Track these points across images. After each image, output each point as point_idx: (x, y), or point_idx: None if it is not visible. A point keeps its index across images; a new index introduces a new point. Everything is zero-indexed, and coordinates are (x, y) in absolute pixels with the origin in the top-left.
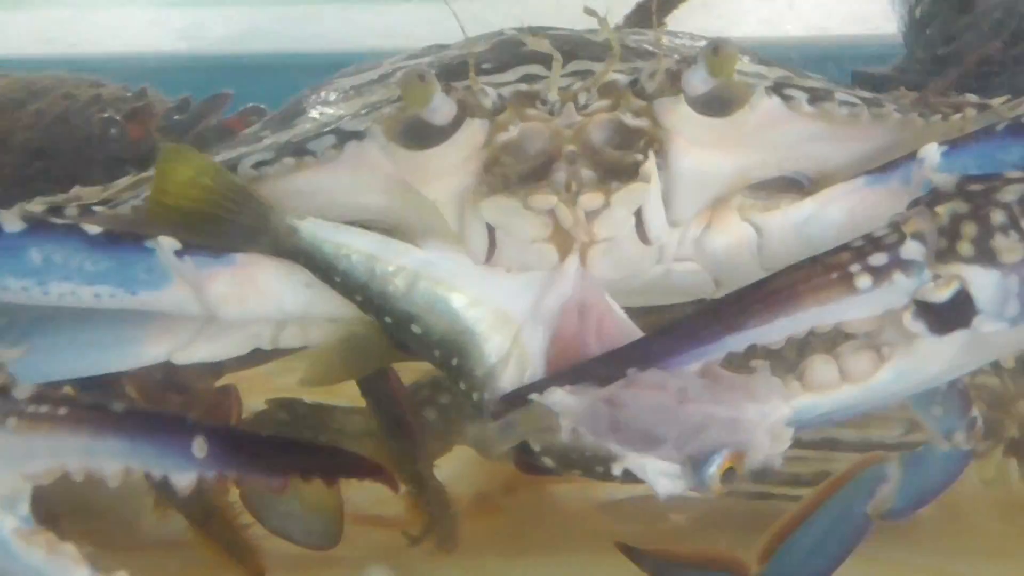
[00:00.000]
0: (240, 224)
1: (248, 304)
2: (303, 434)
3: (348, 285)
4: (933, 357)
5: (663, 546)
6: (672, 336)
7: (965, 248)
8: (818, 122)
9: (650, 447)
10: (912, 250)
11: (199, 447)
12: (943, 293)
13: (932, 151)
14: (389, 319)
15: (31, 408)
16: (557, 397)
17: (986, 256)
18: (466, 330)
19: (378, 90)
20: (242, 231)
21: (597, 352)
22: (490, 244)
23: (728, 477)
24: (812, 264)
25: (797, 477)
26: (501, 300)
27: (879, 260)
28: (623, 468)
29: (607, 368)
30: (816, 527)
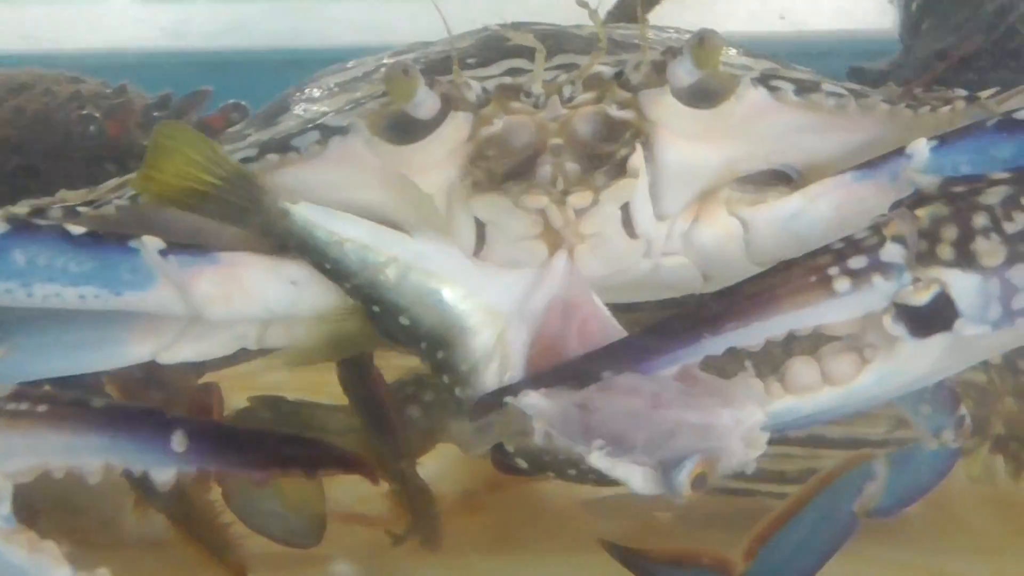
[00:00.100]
0: (232, 204)
1: (233, 303)
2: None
3: (338, 272)
4: (915, 360)
5: (648, 544)
6: (650, 339)
7: (945, 251)
8: (805, 113)
9: (621, 452)
10: (892, 253)
11: (178, 442)
12: (923, 296)
13: (921, 147)
14: (377, 308)
15: (10, 406)
16: (531, 400)
17: (966, 259)
18: (454, 324)
19: (362, 86)
20: (233, 211)
21: (578, 352)
22: (478, 239)
23: (699, 483)
24: (791, 267)
25: (783, 474)
26: (491, 296)
27: (858, 263)
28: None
29: (584, 371)
30: (802, 525)
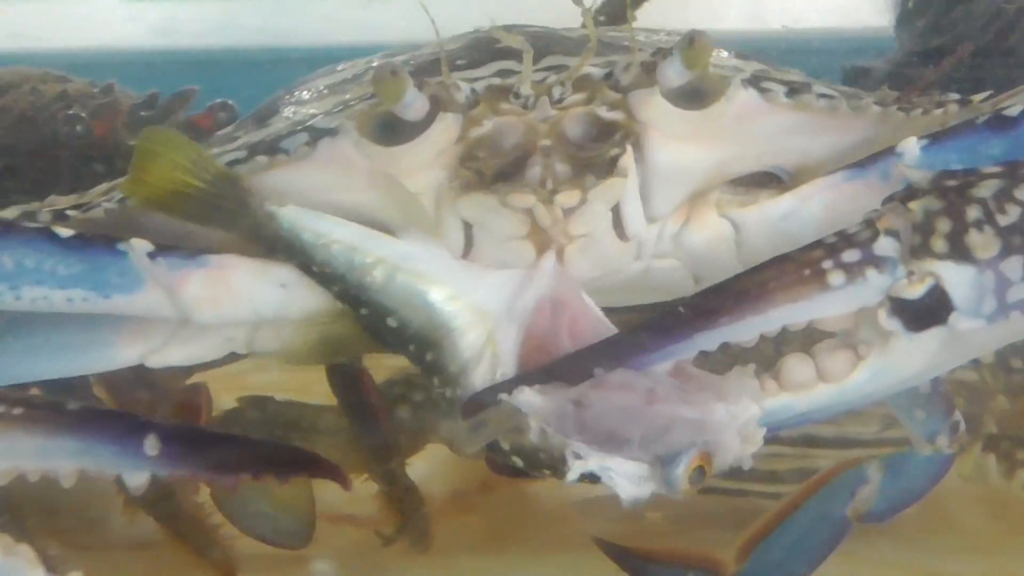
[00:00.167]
0: (219, 208)
1: (222, 306)
2: (274, 432)
3: (326, 275)
4: (910, 356)
5: (639, 544)
6: (642, 335)
7: (939, 244)
8: (796, 114)
9: (617, 448)
10: (885, 246)
11: (151, 445)
12: (917, 290)
13: (911, 145)
14: (365, 311)
15: None
16: (525, 397)
17: (960, 252)
18: (442, 325)
19: (352, 89)
20: (221, 215)
21: (569, 350)
22: (466, 240)
23: (696, 477)
24: (784, 261)
25: (774, 474)
26: (479, 296)
27: (852, 256)
28: (587, 471)
29: (577, 367)
30: (795, 528)
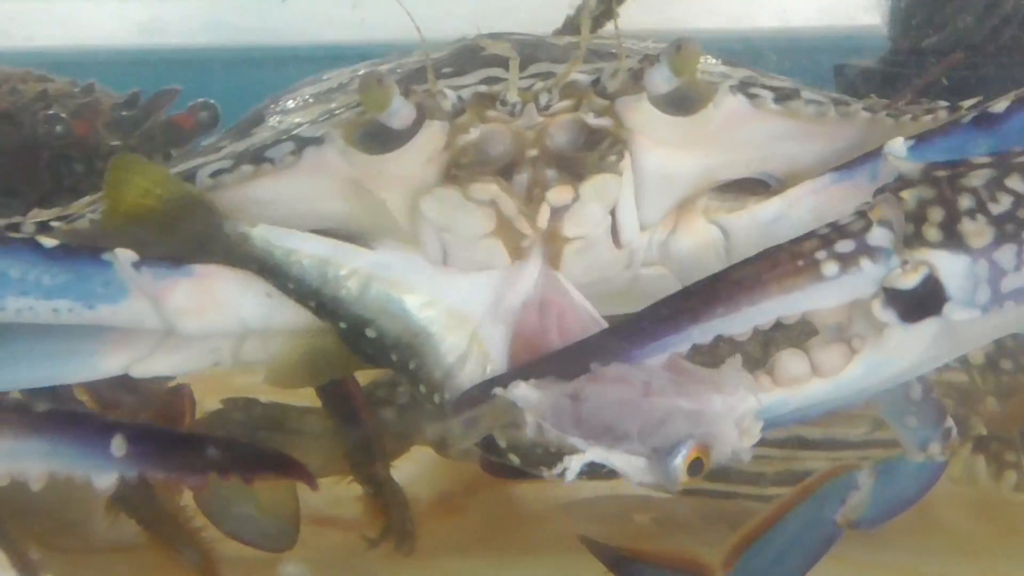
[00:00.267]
0: (193, 232)
1: (207, 316)
2: (259, 434)
3: (301, 291)
4: (905, 348)
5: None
6: (636, 327)
7: (932, 233)
8: (784, 120)
9: (614, 441)
10: (879, 236)
11: (118, 446)
12: (911, 279)
13: (898, 145)
14: (344, 324)
15: None
16: (521, 391)
17: (953, 241)
18: (421, 331)
19: (337, 97)
20: (195, 239)
21: (560, 346)
22: (444, 247)
23: (695, 469)
24: (777, 252)
25: (761, 476)
26: (456, 299)
27: (846, 247)
28: (585, 464)
29: (571, 361)
30: (783, 533)
